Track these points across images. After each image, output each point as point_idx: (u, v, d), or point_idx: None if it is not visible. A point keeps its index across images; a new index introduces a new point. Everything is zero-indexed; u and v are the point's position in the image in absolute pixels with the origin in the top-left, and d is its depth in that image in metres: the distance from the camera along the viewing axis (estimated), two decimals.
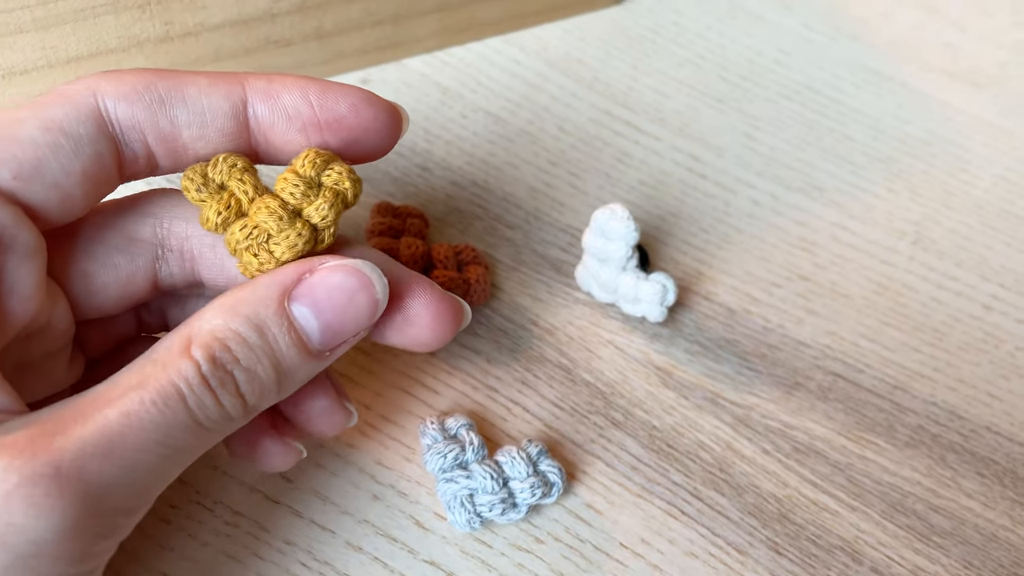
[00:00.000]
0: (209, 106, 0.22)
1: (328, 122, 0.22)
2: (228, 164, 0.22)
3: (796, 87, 0.41)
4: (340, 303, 0.21)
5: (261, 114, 0.22)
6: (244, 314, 0.20)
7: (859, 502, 0.29)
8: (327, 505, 0.27)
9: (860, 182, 0.38)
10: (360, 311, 0.22)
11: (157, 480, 0.20)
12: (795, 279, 0.34)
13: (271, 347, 0.21)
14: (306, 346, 0.21)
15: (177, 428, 0.19)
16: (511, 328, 0.32)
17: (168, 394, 0.19)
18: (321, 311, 0.21)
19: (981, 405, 0.32)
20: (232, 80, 0.22)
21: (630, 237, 0.30)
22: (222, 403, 0.20)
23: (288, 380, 0.21)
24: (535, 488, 0.27)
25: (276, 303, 0.21)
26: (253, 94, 0.22)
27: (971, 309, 0.34)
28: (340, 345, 0.22)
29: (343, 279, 0.21)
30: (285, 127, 0.22)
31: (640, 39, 0.42)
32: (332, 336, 0.21)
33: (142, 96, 0.21)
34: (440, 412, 0.30)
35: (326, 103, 0.22)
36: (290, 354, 0.21)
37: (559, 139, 0.37)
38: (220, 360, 0.20)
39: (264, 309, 0.21)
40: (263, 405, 0.21)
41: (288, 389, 0.22)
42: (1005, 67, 0.43)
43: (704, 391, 0.31)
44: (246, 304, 0.21)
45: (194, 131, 0.22)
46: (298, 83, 0.22)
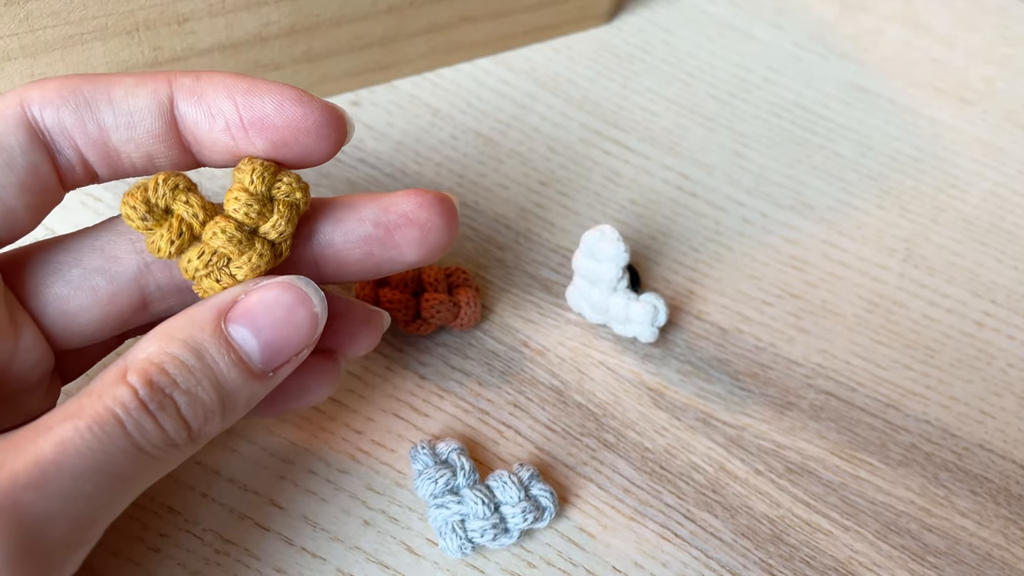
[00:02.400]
0: (135, 107, 0.21)
1: (252, 122, 0.21)
2: (169, 186, 0.21)
3: (785, 105, 0.41)
4: (278, 320, 0.21)
5: (187, 113, 0.21)
6: (180, 339, 0.20)
7: (853, 522, 0.29)
8: (317, 532, 0.27)
9: (850, 199, 0.38)
10: (300, 326, 0.21)
11: (99, 511, 0.19)
12: (786, 297, 0.34)
13: (211, 369, 0.20)
14: (248, 366, 0.21)
15: (116, 454, 0.19)
16: (502, 350, 0.32)
17: (104, 420, 0.18)
18: (260, 329, 0.21)
19: (974, 423, 0.32)
20: (159, 79, 0.21)
21: (620, 258, 0.30)
22: (163, 427, 0.19)
23: (232, 403, 0.21)
24: (527, 513, 0.26)
25: (212, 325, 0.20)
26: (179, 92, 0.21)
27: (963, 326, 0.34)
28: (284, 364, 0.21)
29: (279, 295, 0.21)
30: (209, 126, 0.21)
31: (629, 58, 0.42)
32: (274, 354, 0.21)
33: (67, 100, 0.21)
34: (431, 436, 0.29)
35: (250, 102, 0.21)
36: (231, 375, 0.20)
37: (549, 159, 0.37)
38: (158, 384, 0.19)
39: (200, 332, 0.20)
40: (209, 431, 0.21)
41: (233, 413, 0.21)
42: (993, 82, 0.43)
43: (696, 411, 0.31)
44: (181, 330, 0.20)
45: (122, 133, 0.21)
46: (224, 80, 0.21)
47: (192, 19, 0.31)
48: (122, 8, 0.30)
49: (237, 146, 0.22)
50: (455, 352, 0.31)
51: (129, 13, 0.30)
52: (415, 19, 0.37)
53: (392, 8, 0.36)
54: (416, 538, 0.27)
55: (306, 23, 0.34)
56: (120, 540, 0.26)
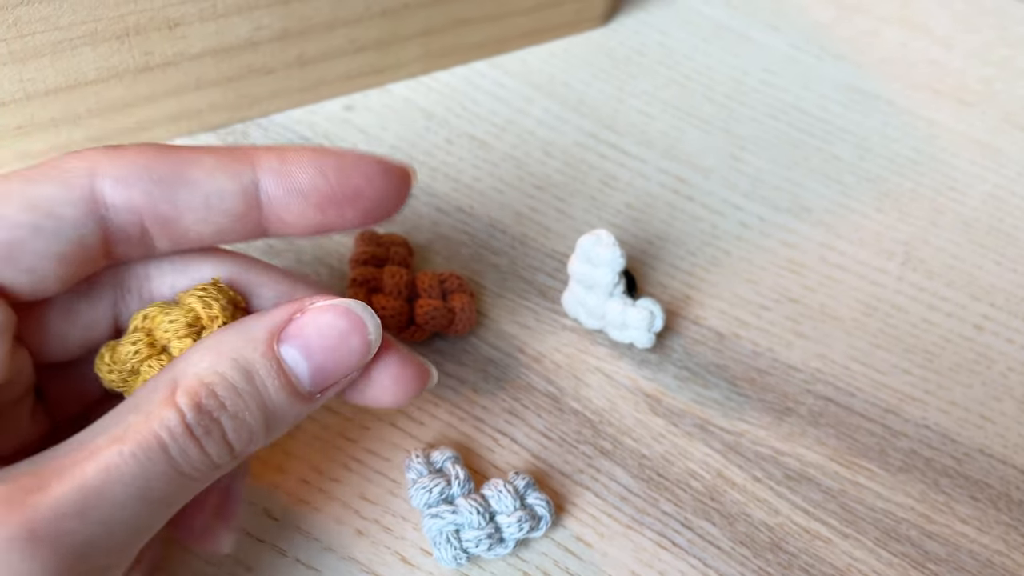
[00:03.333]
0: (216, 188, 0.21)
1: (347, 197, 0.22)
2: (140, 357, 0.21)
3: (783, 107, 0.41)
4: (331, 345, 0.21)
5: (275, 195, 0.21)
6: (232, 357, 0.20)
7: (852, 529, 0.29)
8: (311, 542, 0.27)
9: (848, 202, 0.38)
10: (352, 353, 0.21)
11: (137, 535, 0.19)
12: (784, 302, 0.34)
13: (259, 392, 0.20)
14: (296, 389, 0.21)
15: (158, 480, 0.19)
16: (497, 356, 0.31)
17: (149, 446, 0.18)
18: (311, 353, 0.21)
19: (974, 428, 0.32)
20: (241, 160, 0.21)
21: (616, 263, 0.30)
22: (207, 451, 0.19)
23: (276, 424, 0.21)
24: (522, 522, 0.26)
25: (265, 345, 0.20)
26: (265, 174, 0.21)
27: (962, 330, 0.34)
28: (331, 387, 0.21)
29: (334, 320, 0.21)
30: (301, 206, 0.21)
31: (625, 60, 0.42)
32: (323, 379, 0.21)
33: (141, 179, 0.20)
34: (426, 444, 0.29)
35: (343, 179, 0.21)
36: (279, 398, 0.20)
37: (544, 163, 0.37)
38: (206, 407, 0.19)
39: (252, 352, 0.20)
40: (250, 450, 0.21)
41: (276, 433, 0.21)
42: (991, 84, 0.43)
43: (694, 418, 0.31)
44: (233, 346, 0.20)
45: (198, 214, 0.21)
46: (313, 159, 0.21)
47: (183, 24, 0.31)
48: (112, 13, 0.30)
49: (326, 219, 0.22)
50: (450, 359, 0.31)
51: (119, 18, 0.30)
52: (409, 22, 0.37)
53: (386, 11, 0.35)
54: (410, 548, 0.27)
55: (299, 27, 0.34)
56: None
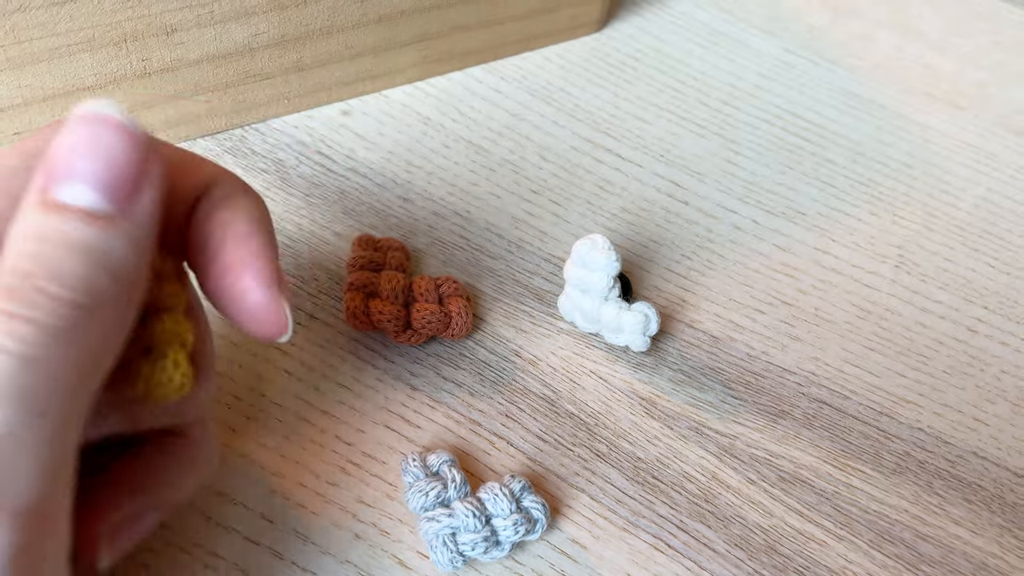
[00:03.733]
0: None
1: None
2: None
3: (777, 111, 0.41)
4: (88, 152, 0.18)
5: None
6: (19, 236, 0.18)
7: (846, 531, 0.29)
8: (307, 545, 0.27)
9: (842, 206, 0.38)
10: (115, 145, 0.18)
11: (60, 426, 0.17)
12: (778, 305, 0.34)
13: (61, 241, 0.18)
14: (95, 216, 0.18)
15: (10, 376, 0.16)
16: (494, 360, 0.32)
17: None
18: (80, 175, 0.18)
19: (967, 430, 0.32)
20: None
21: (611, 267, 0.30)
22: (38, 320, 0.17)
23: (111, 257, 0.18)
24: (518, 525, 0.26)
25: (39, 204, 0.18)
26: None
27: (956, 332, 0.34)
28: (135, 193, 0.19)
29: (74, 133, 0.18)
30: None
31: (621, 66, 0.42)
32: (112, 187, 0.18)
33: None
34: (422, 447, 0.29)
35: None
36: (87, 233, 0.18)
37: (541, 168, 0.37)
38: (16, 287, 0.17)
39: (33, 218, 0.18)
40: (107, 293, 0.18)
41: (125, 266, 0.18)
42: (985, 88, 0.43)
43: (689, 421, 0.31)
44: (17, 230, 0.18)
45: None
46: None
47: (180, 30, 0.31)
48: (109, 20, 0.30)
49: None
50: (446, 363, 0.31)
51: (116, 24, 0.30)
52: (406, 28, 0.37)
53: (383, 17, 0.36)
54: (407, 551, 0.27)
55: (296, 33, 0.34)
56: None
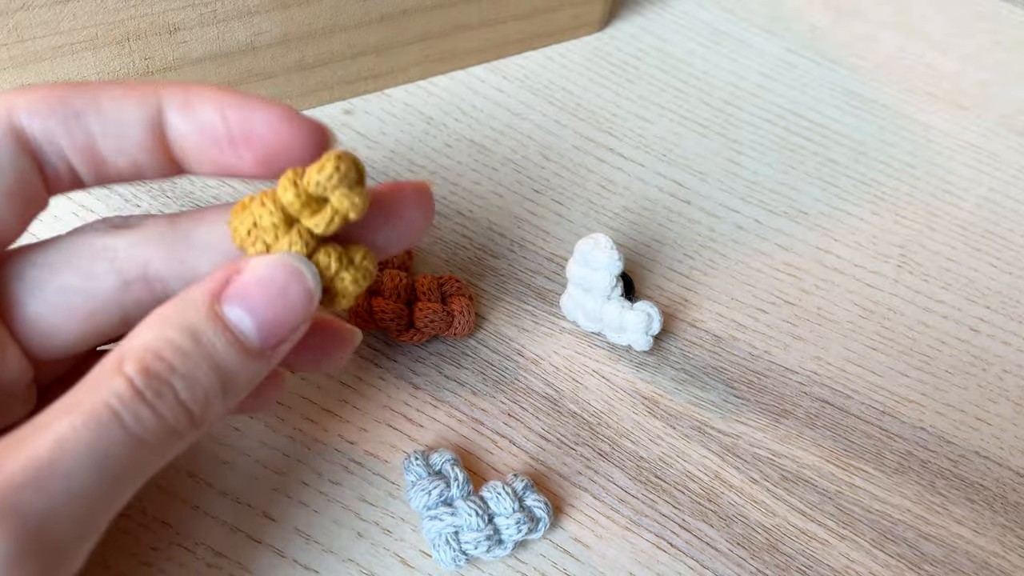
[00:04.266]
0: (124, 118, 0.21)
1: (241, 137, 0.21)
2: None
3: (779, 111, 0.41)
4: (272, 297, 0.21)
5: (176, 126, 0.21)
6: (175, 323, 0.20)
7: (849, 530, 0.29)
8: (310, 544, 0.27)
9: (844, 205, 0.38)
10: (294, 303, 0.21)
11: (101, 505, 0.19)
12: (781, 304, 0.34)
13: (208, 351, 0.20)
14: (244, 346, 0.20)
15: (113, 447, 0.18)
16: (496, 359, 0.32)
17: (99, 414, 0.18)
18: (254, 308, 0.20)
19: (970, 429, 0.32)
20: (147, 91, 0.21)
21: (614, 267, 0.30)
22: (161, 414, 0.19)
23: (232, 384, 0.20)
24: (521, 524, 0.26)
25: (206, 307, 0.20)
26: (168, 105, 0.21)
27: (958, 332, 0.34)
28: (281, 343, 0.21)
29: (271, 272, 0.21)
30: (199, 140, 0.21)
31: (623, 65, 0.42)
32: (270, 332, 0.21)
33: (55, 110, 0.21)
34: (425, 446, 0.29)
35: (240, 117, 0.21)
36: (229, 355, 0.20)
37: (543, 167, 0.37)
38: (154, 371, 0.19)
39: (195, 315, 0.20)
40: (211, 415, 0.20)
41: (234, 394, 0.21)
42: (987, 87, 0.43)
43: (691, 420, 0.31)
44: (175, 314, 0.20)
45: (111, 143, 0.21)
46: (214, 96, 0.21)
47: (183, 29, 0.31)
48: (112, 18, 0.30)
49: (225, 160, 0.22)
50: (449, 361, 0.31)
51: (119, 23, 0.30)
52: (408, 27, 0.37)
53: (385, 16, 0.36)
54: (409, 550, 0.27)
55: (298, 32, 0.34)
56: (111, 554, 0.26)
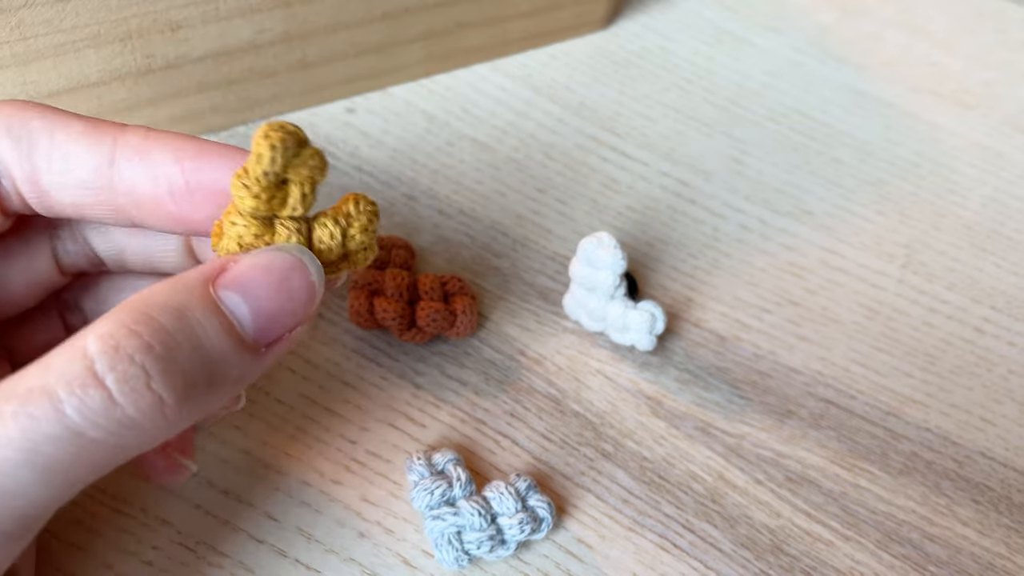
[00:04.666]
0: (73, 154, 0.20)
1: (201, 190, 0.20)
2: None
3: (784, 110, 0.41)
4: (272, 286, 0.19)
5: (127, 174, 0.20)
6: (157, 302, 0.17)
7: (853, 532, 0.29)
8: (312, 544, 0.27)
9: (849, 205, 0.38)
10: (295, 294, 0.19)
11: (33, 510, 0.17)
12: (785, 304, 0.34)
13: (193, 331, 0.17)
14: (238, 335, 0.18)
15: (45, 442, 0.16)
16: (499, 359, 0.31)
17: (35, 402, 0.16)
18: (252, 296, 0.18)
19: (975, 430, 0.32)
20: (105, 132, 0.20)
21: (617, 266, 0.30)
22: (117, 400, 0.17)
23: (220, 377, 0.18)
24: (524, 524, 0.26)
25: (199, 289, 0.18)
26: (122, 150, 0.20)
27: (963, 332, 0.34)
28: (278, 341, 0.19)
29: (272, 258, 0.19)
30: (153, 189, 0.20)
31: (626, 64, 0.42)
32: (267, 323, 0.19)
33: (11, 131, 0.20)
34: (427, 446, 0.29)
35: (198, 167, 0.20)
36: (220, 342, 0.18)
37: (546, 166, 0.37)
38: (125, 349, 0.17)
39: (186, 295, 0.18)
40: (190, 407, 0.18)
41: (222, 387, 0.18)
42: (992, 87, 0.43)
43: (695, 420, 0.31)
44: (159, 293, 0.18)
45: (54, 178, 0.20)
46: (173, 143, 0.20)
47: (185, 26, 0.31)
48: (114, 16, 0.30)
49: (181, 212, 0.20)
50: (451, 361, 0.31)
51: (122, 21, 0.30)
52: (411, 25, 0.37)
53: (387, 14, 0.36)
54: (412, 550, 0.27)
55: (301, 30, 0.34)
56: (112, 553, 0.26)
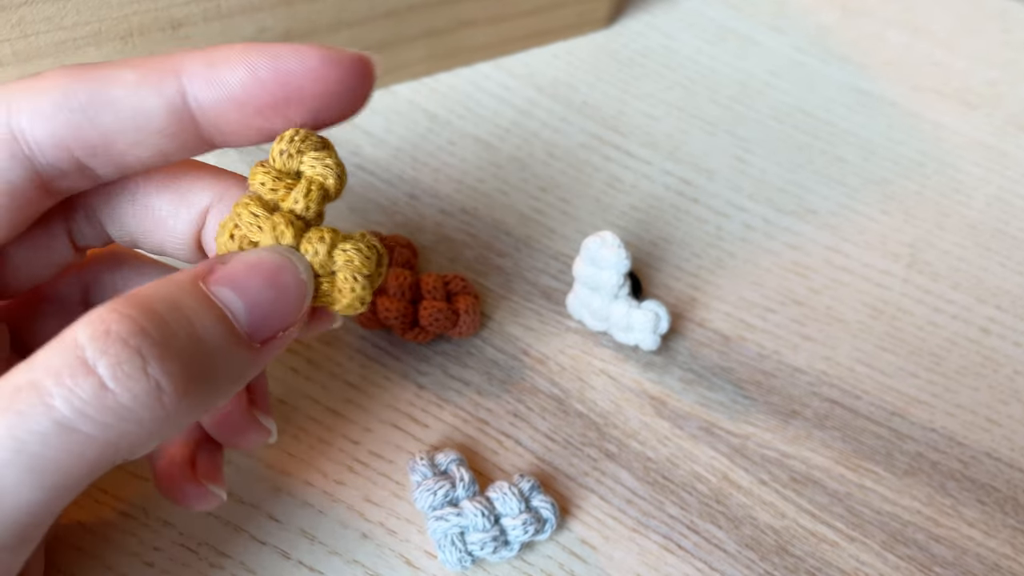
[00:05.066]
0: (141, 107, 0.19)
1: (287, 98, 0.19)
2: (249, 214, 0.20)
3: (787, 109, 0.41)
4: (263, 283, 0.19)
5: (207, 105, 0.19)
6: (148, 295, 0.17)
7: (859, 532, 0.29)
8: (315, 545, 0.27)
9: (853, 204, 0.37)
10: (287, 291, 0.19)
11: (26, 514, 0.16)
12: (789, 304, 0.34)
13: (190, 320, 0.17)
14: (233, 328, 0.18)
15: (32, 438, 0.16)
16: (502, 359, 0.31)
17: (22, 396, 0.16)
18: (244, 291, 0.18)
19: (980, 431, 0.31)
20: (165, 70, 0.19)
21: (621, 265, 0.30)
22: (108, 386, 0.16)
23: (215, 372, 0.18)
24: (527, 525, 0.26)
25: (190, 284, 0.18)
26: (192, 83, 0.19)
27: (968, 332, 0.34)
28: (273, 339, 0.19)
29: (261, 257, 0.19)
30: (238, 114, 0.19)
31: (629, 62, 0.42)
32: (261, 319, 0.19)
33: (61, 108, 0.18)
34: (430, 446, 0.29)
35: (281, 76, 0.19)
36: (216, 333, 0.18)
37: (549, 164, 0.37)
38: (116, 334, 0.16)
39: (178, 290, 0.17)
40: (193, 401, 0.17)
41: (220, 383, 0.18)
42: (996, 86, 0.43)
43: (699, 421, 0.30)
44: (152, 287, 0.17)
45: (129, 136, 0.19)
46: (244, 57, 0.19)
47: (186, 24, 0.31)
48: (115, 13, 0.29)
49: (271, 125, 0.20)
50: (454, 361, 0.31)
51: (123, 18, 0.30)
52: (413, 24, 0.36)
53: (390, 13, 0.35)
54: (415, 551, 0.27)
55: (302, 28, 0.34)
56: (114, 554, 0.26)
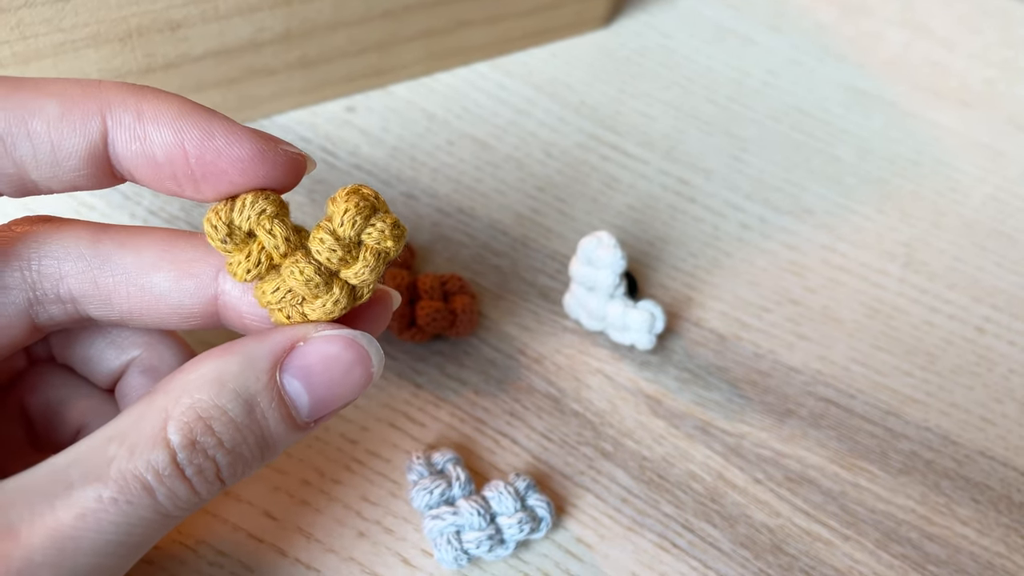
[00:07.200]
0: (60, 145, 0.18)
1: (206, 176, 0.19)
2: (256, 211, 0.19)
3: (784, 109, 0.41)
4: (334, 377, 0.20)
5: (123, 155, 0.18)
6: (232, 388, 0.19)
7: (853, 531, 0.29)
8: (312, 543, 0.27)
9: (850, 204, 0.38)
10: (353, 385, 0.20)
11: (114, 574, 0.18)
12: (785, 303, 0.34)
13: (259, 425, 0.19)
14: (294, 420, 0.20)
15: (140, 525, 0.18)
16: (499, 358, 0.31)
17: (133, 490, 0.17)
18: (314, 385, 0.20)
19: (975, 430, 0.32)
20: (90, 107, 0.18)
21: (617, 265, 0.30)
22: (197, 491, 0.18)
23: (269, 455, 0.20)
24: (523, 523, 0.26)
25: (267, 375, 0.19)
26: (115, 128, 0.18)
27: (963, 332, 0.34)
28: (326, 415, 0.21)
29: (340, 352, 0.20)
30: (152, 173, 0.19)
31: (627, 62, 0.42)
32: (321, 409, 0.20)
33: None
34: (427, 446, 0.29)
35: (207, 155, 0.18)
36: (278, 430, 0.20)
37: (546, 164, 0.37)
38: (201, 445, 0.18)
39: (255, 382, 0.19)
40: (245, 476, 0.20)
41: (268, 461, 0.21)
42: (993, 85, 0.43)
43: (695, 420, 0.31)
44: (235, 376, 0.19)
45: (44, 172, 0.18)
46: (175, 120, 0.18)
47: (185, 25, 0.31)
48: (114, 15, 0.30)
49: (180, 191, 0.20)
50: (451, 360, 0.31)
51: (122, 20, 0.30)
52: (411, 23, 0.37)
53: (388, 13, 0.36)
54: (411, 549, 0.27)
55: (301, 28, 0.34)
56: None
